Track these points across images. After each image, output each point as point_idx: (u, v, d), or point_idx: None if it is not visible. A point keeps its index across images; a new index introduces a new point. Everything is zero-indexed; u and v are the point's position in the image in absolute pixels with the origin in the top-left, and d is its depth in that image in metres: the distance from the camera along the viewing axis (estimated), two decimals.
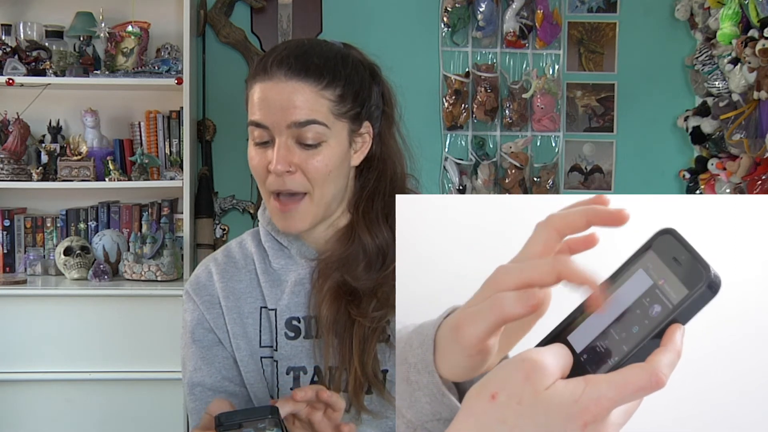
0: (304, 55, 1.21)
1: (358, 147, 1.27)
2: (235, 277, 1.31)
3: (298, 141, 1.20)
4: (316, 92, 1.20)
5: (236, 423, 1.03)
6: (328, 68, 1.21)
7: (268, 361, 1.28)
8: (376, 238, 1.26)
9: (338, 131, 1.22)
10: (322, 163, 1.21)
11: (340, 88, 1.21)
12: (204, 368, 1.29)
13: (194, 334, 1.31)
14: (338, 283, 1.24)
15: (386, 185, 1.30)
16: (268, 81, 1.20)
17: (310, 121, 1.19)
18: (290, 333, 1.27)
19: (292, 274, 1.29)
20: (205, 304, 1.31)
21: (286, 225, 1.25)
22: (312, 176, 1.21)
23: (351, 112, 1.23)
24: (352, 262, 1.25)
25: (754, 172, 3.11)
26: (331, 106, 1.21)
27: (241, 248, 1.34)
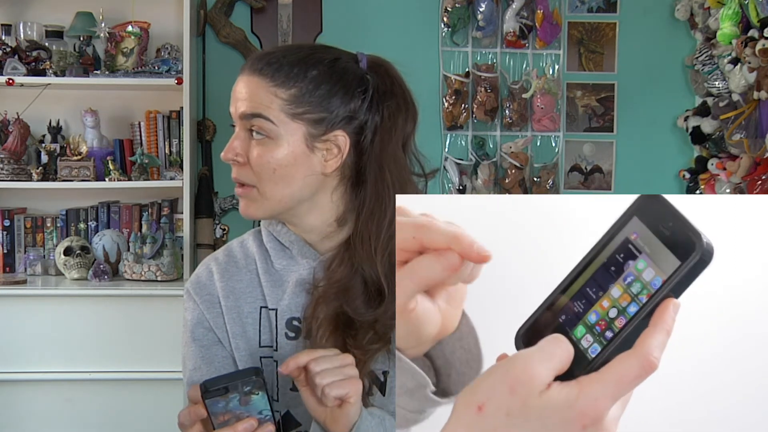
0: (271, 55, 1.24)
1: (326, 155, 1.23)
2: (236, 276, 1.31)
3: (250, 132, 1.23)
4: (267, 88, 1.21)
5: (222, 388, 1.04)
6: (284, 69, 1.22)
7: (267, 360, 1.28)
8: (377, 269, 1.21)
9: (291, 131, 1.21)
10: (264, 158, 1.22)
11: (296, 89, 1.21)
12: (203, 367, 1.29)
13: (194, 334, 1.31)
14: (336, 312, 1.22)
15: (386, 202, 1.23)
16: (240, 75, 1.25)
17: (256, 114, 1.21)
18: (290, 333, 1.27)
19: (294, 275, 1.28)
20: (205, 304, 1.31)
21: (242, 209, 1.28)
22: (256, 170, 1.23)
23: (309, 115, 1.21)
24: (352, 292, 1.22)
25: (754, 172, 3.11)
26: (282, 104, 1.21)
27: (243, 248, 1.34)
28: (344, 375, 1.08)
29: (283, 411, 1.26)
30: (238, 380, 1.05)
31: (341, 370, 1.08)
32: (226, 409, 1.06)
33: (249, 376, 1.06)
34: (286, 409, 1.27)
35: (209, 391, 1.04)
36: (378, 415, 1.16)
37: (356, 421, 1.11)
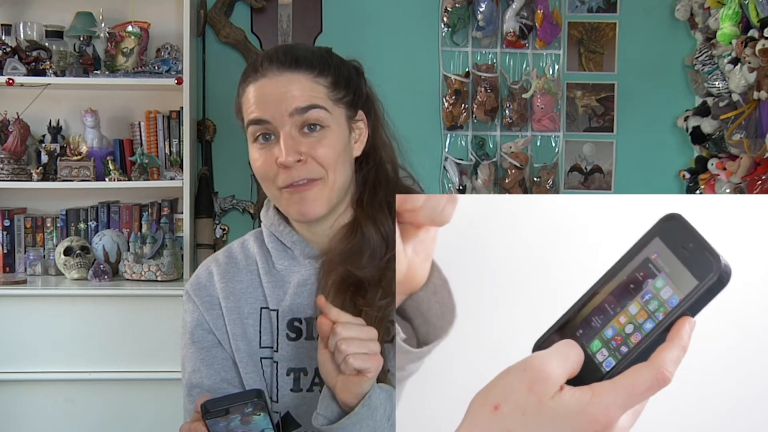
0: (292, 50, 1.25)
1: (357, 136, 1.29)
2: (236, 277, 1.31)
3: (301, 129, 1.21)
4: (310, 79, 1.22)
5: (223, 409, 1.03)
6: (316, 59, 1.25)
7: (267, 362, 1.28)
8: (381, 228, 1.26)
9: (338, 116, 1.24)
10: (330, 147, 1.22)
11: (331, 76, 1.24)
12: (203, 369, 1.29)
13: (194, 335, 1.31)
14: (342, 276, 1.24)
15: (386, 176, 1.32)
16: (262, 78, 1.22)
17: (312, 105, 1.21)
18: (291, 334, 1.27)
19: (296, 275, 1.28)
20: (205, 305, 1.31)
21: (302, 209, 1.23)
22: (323, 161, 1.22)
23: (346, 98, 1.26)
24: (357, 254, 1.25)
25: (754, 172, 3.11)
26: (327, 91, 1.23)
27: (243, 249, 1.34)
28: (369, 349, 1.08)
29: (283, 412, 1.26)
30: (240, 402, 1.04)
31: (367, 344, 1.08)
32: (227, 429, 1.05)
33: (251, 398, 1.04)
34: (286, 410, 1.26)
35: (209, 412, 1.03)
36: (386, 389, 1.15)
37: (368, 391, 1.11)
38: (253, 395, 1.04)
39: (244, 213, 3.54)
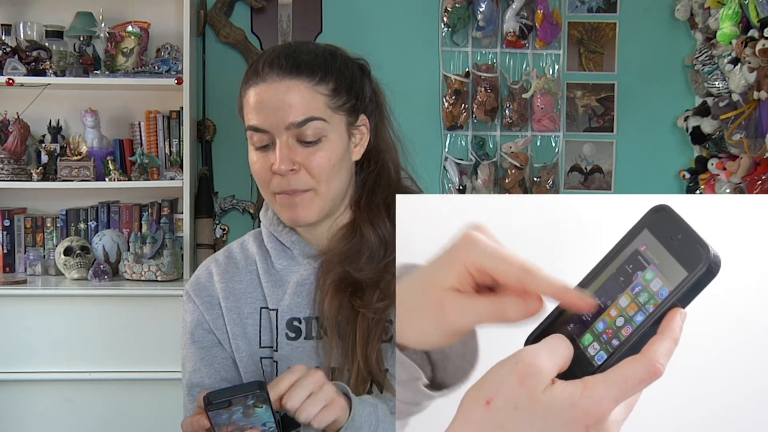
0: (294, 54, 1.22)
1: (357, 141, 1.28)
2: (236, 277, 1.31)
3: (298, 139, 1.20)
4: (310, 88, 1.20)
5: (225, 401, 1.03)
6: (318, 64, 1.22)
7: (267, 361, 1.28)
8: (378, 230, 1.26)
9: (337, 125, 1.23)
10: (324, 159, 1.21)
11: (332, 82, 1.22)
12: (203, 369, 1.29)
13: (194, 335, 1.31)
14: (341, 277, 1.24)
15: (386, 178, 1.31)
16: (262, 83, 1.21)
17: (308, 119, 1.19)
18: (291, 333, 1.27)
19: (295, 275, 1.29)
20: (205, 305, 1.31)
21: (293, 215, 1.23)
22: (316, 172, 1.21)
23: (347, 104, 1.24)
24: (355, 255, 1.25)
25: (754, 172, 3.11)
26: (326, 100, 1.21)
27: (243, 249, 1.34)
28: (325, 400, 1.08)
29: (283, 412, 1.26)
30: (241, 394, 1.04)
31: (320, 396, 1.08)
32: (230, 421, 1.05)
33: (253, 389, 1.04)
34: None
35: (212, 404, 1.03)
36: (371, 402, 1.16)
37: (345, 422, 1.11)
38: (256, 387, 1.05)
39: (244, 213, 3.54)
